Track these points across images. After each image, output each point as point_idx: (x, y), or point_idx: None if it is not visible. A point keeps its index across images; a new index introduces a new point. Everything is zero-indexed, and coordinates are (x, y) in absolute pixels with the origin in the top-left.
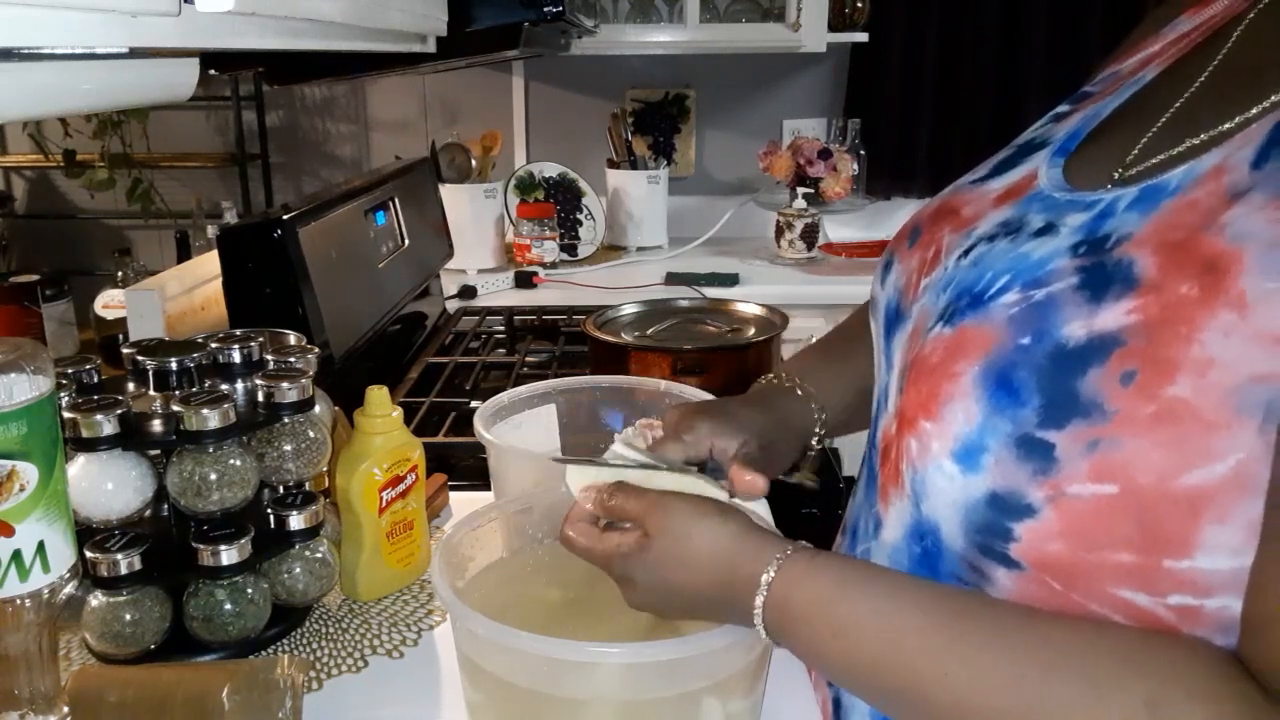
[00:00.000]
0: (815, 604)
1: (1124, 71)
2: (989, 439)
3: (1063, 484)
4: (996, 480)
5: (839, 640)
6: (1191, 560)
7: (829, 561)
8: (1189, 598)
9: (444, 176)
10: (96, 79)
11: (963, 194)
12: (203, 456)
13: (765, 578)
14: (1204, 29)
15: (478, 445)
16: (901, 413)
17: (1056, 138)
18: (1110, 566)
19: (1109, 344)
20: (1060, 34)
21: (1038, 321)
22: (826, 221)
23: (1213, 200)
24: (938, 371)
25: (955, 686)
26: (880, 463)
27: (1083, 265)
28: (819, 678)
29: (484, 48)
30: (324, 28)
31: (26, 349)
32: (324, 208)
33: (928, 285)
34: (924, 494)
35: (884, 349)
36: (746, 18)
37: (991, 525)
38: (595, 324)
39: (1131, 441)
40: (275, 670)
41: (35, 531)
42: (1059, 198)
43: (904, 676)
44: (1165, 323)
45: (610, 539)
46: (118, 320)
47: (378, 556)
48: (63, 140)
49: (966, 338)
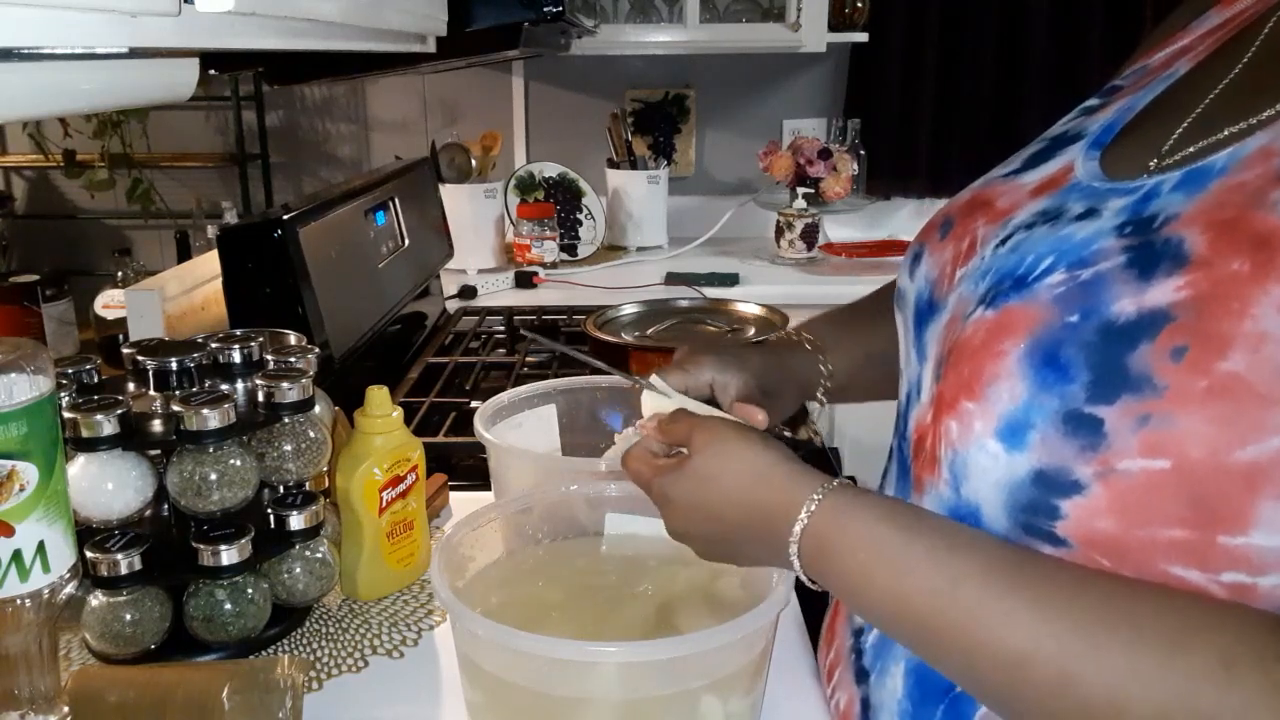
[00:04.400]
0: (863, 539)
1: (1153, 65)
2: (1035, 416)
3: (1112, 460)
4: (1042, 457)
5: (889, 577)
6: (1247, 537)
7: (877, 498)
8: (1243, 575)
9: (444, 176)
10: (96, 79)
11: (995, 186)
12: (203, 456)
13: (807, 506)
14: (1236, 22)
15: (478, 445)
16: (940, 397)
17: (1091, 130)
18: (1162, 543)
19: (1159, 320)
20: (1060, 34)
21: (1085, 299)
22: (826, 221)
23: (1262, 180)
24: (981, 352)
25: (1017, 628)
26: (914, 454)
27: (1130, 245)
28: (841, 676)
29: (484, 48)
30: (324, 28)
31: (26, 349)
32: (324, 208)
33: (964, 275)
34: (964, 476)
35: (914, 341)
36: (746, 18)
37: (1037, 503)
38: (595, 324)
39: (1184, 416)
40: (275, 670)
41: (35, 531)
42: (1098, 186)
43: (958, 616)
44: (1216, 299)
45: (656, 460)
46: (118, 320)
47: (378, 556)
48: (63, 140)
49: (1011, 318)
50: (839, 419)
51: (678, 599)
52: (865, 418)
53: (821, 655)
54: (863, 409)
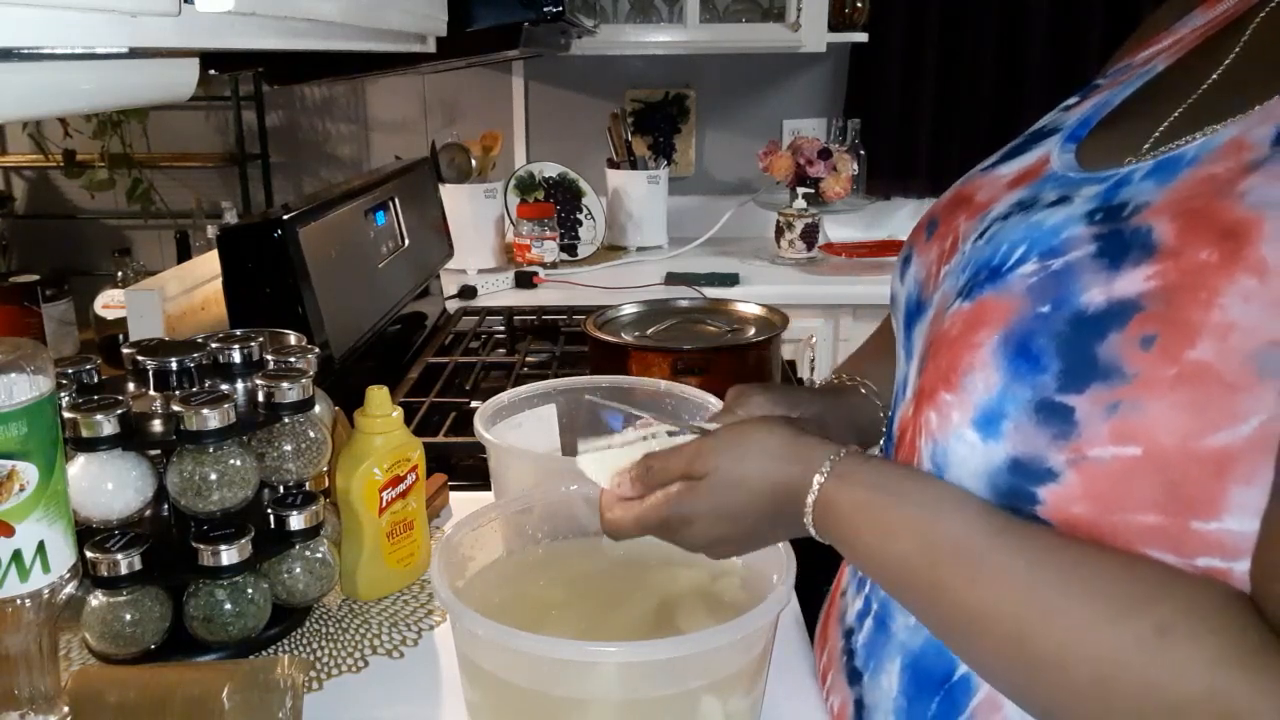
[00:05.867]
0: (858, 505)
1: (1135, 64)
2: (1008, 405)
3: (1084, 447)
4: (1016, 446)
5: (877, 540)
6: (1220, 522)
7: (877, 464)
8: (1217, 560)
9: (444, 176)
10: (96, 79)
11: (974, 181)
12: (203, 456)
13: (818, 477)
14: (1218, 22)
15: (478, 445)
16: (920, 389)
17: (1067, 124)
18: (1136, 528)
19: (1128, 309)
20: (1060, 34)
21: (1056, 290)
22: (826, 221)
23: (1231, 172)
24: (957, 343)
25: (983, 591)
26: (896, 448)
27: (1099, 233)
28: (834, 680)
29: (484, 48)
30: (324, 28)
31: (26, 349)
32: (324, 208)
33: (947, 272)
34: (945, 465)
35: (904, 341)
36: (746, 18)
37: (1015, 490)
38: (595, 324)
39: (1153, 403)
40: (275, 670)
41: (35, 531)
42: (1073, 176)
43: (934, 577)
44: (1185, 288)
45: (653, 496)
46: (118, 320)
47: (378, 556)
48: (63, 140)
49: (985, 309)
50: None
51: (678, 599)
52: None
53: (816, 658)
54: None
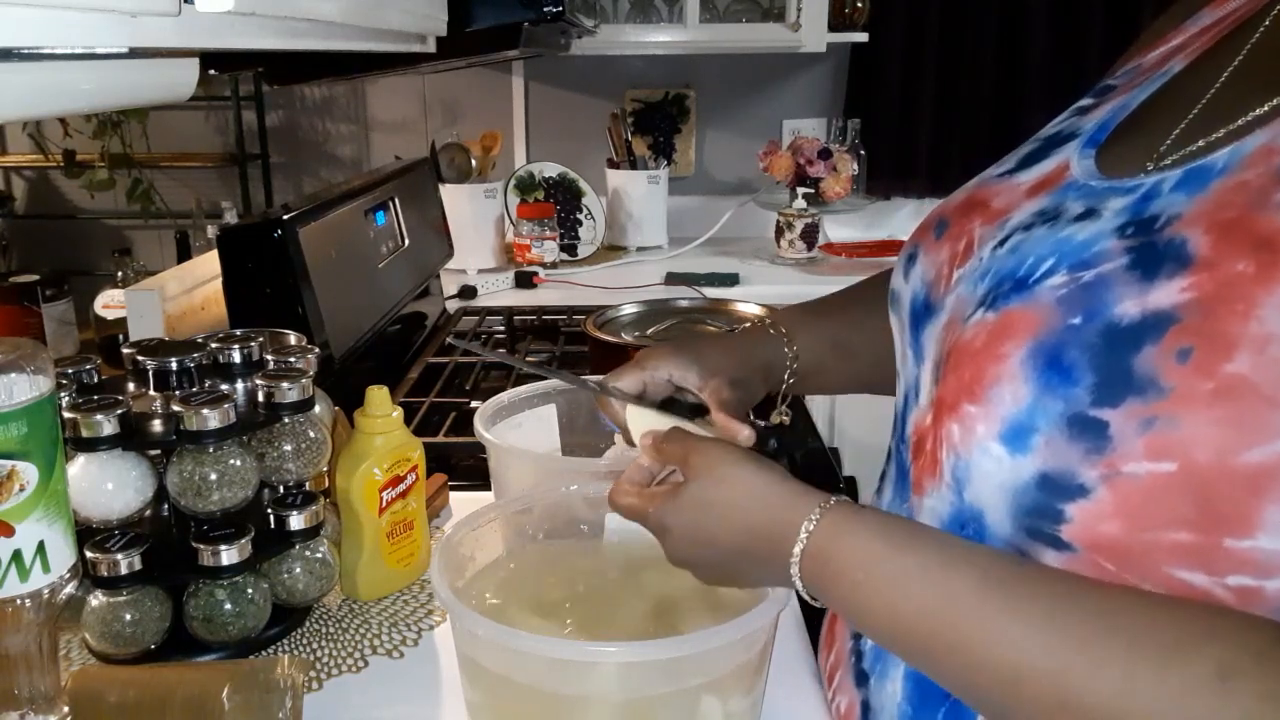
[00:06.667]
0: (861, 557)
1: (1146, 65)
2: (1039, 419)
3: (1118, 463)
4: (1047, 460)
5: (884, 596)
6: (1253, 540)
7: (874, 515)
8: (1249, 578)
9: (444, 176)
10: (96, 79)
11: (990, 186)
12: (203, 456)
13: (806, 526)
14: (1229, 21)
15: (478, 445)
16: (940, 400)
17: (1085, 129)
18: (1166, 546)
19: (1164, 321)
20: (1060, 34)
21: (1088, 301)
22: (826, 221)
23: (1263, 180)
24: (982, 355)
25: (1013, 645)
26: (913, 456)
27: (1131, 246)
28: (841, 680)
29: (484, 48)
30: (324, 28)
31: (26, 349)
32: (324, 208)
33: (962, 276)
34: (967, 480)
35: (911, 342)
36: (746, 18)
37: (1041, 507)
38: (595, 324)
39: (1189, 418)
40: (275, 670)
41: (35, 531)
42: (1096, 185)
43: (955, 636)
44: (1221, 300)
45: (649, 490)
46: (118, 320)
47: (378, 556)
48: (63, 140)
49: (1012, 320)
50: (839, 419)
51: (678, 599)
52: (865, 418)
53: (822, 658)
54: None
